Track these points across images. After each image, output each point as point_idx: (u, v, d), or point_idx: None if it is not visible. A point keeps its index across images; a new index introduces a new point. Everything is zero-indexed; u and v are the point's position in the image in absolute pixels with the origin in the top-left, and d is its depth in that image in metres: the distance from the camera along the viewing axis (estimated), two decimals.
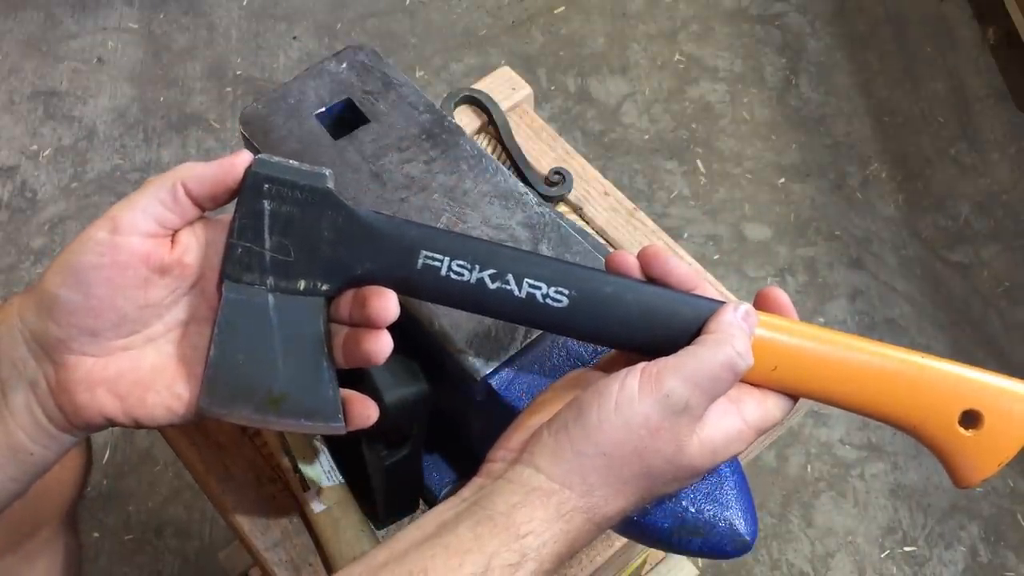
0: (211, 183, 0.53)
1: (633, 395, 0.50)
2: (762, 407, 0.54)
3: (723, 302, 0.54)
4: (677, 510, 0.58)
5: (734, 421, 0.52)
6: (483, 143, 0.94)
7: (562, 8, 2.14)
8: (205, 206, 0.54)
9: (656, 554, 1.18)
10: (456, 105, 0.94)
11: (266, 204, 0.53)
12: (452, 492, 0.61)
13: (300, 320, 0.54)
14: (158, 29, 2.09)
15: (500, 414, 0.62)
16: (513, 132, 0.93)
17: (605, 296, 0.54)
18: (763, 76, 2.04)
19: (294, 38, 2.08)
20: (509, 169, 0.89)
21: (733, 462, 0.60)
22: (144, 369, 0.55)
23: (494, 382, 0.63)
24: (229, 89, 2.00)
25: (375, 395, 0.60)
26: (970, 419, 0.54)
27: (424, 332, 0.63)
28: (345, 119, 0.74)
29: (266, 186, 0.53)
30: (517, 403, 0.62)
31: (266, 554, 0.73)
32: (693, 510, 0.58)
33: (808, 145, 1.94)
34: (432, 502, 0.77)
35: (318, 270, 0.54)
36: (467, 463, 0.76)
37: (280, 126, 0.72)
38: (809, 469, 1.60)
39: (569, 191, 0.91)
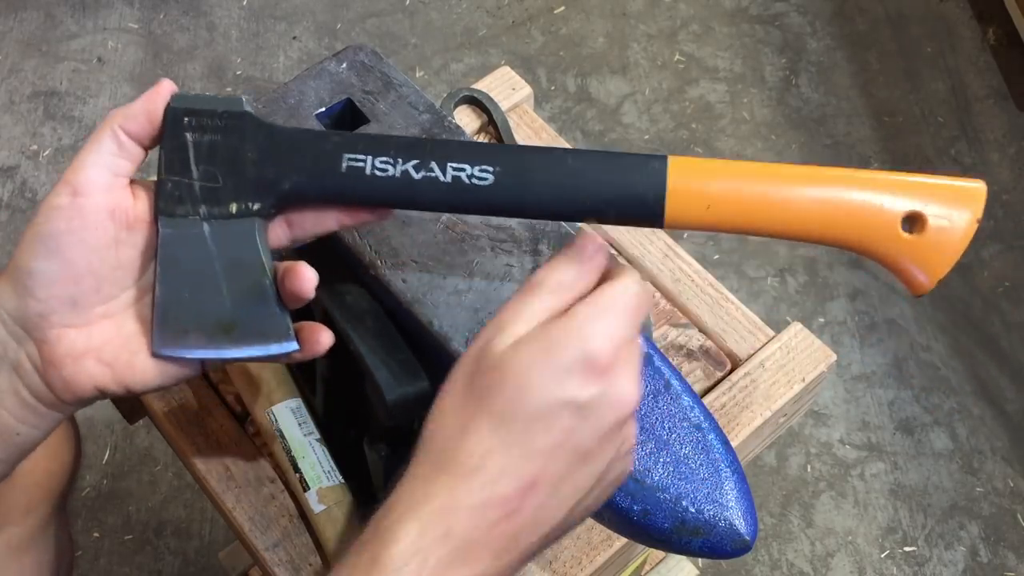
0: (144, 117, 0.53)
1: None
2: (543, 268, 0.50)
3: (660, 156, 0.53)
4: (677, 510, 0.58)
5: (514, 296, 0.50)
6: None
7: (562, 8, 2.14)
8: (146, 144, 0.55)
9: (656, 554, 1.18)
10: (456, 105, 0.94)
11: (188, 136, 0.53)
12: None
13: (238, 244, 0.54)
14: (158, 29, 2.09)
15: None
16: (513, 132, 0.93)
17: (529, 166, 0.53)
18: (763, 76, 2.04)
19: (294, 38, 2.08)
20: None
21: (733, 462, 0.60)
22: (128, 334, 0.55)
23: None
24: (229, 89, 2.00)
25: (377, 393, 0.60)
26: (912, 222, 0.53)
27: (424, 332, 0.63)
28: (345, 119, 0.74)
29: (186, 119, 0.53)
30: None
31: (266, 554, 0.73)
32: (693, 510, 0.58)
33: (808, 145, 1.94)
34: None
35: (247, 190, 0.54)
36: None
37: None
38: (809, 469, 1.60)
39: None
